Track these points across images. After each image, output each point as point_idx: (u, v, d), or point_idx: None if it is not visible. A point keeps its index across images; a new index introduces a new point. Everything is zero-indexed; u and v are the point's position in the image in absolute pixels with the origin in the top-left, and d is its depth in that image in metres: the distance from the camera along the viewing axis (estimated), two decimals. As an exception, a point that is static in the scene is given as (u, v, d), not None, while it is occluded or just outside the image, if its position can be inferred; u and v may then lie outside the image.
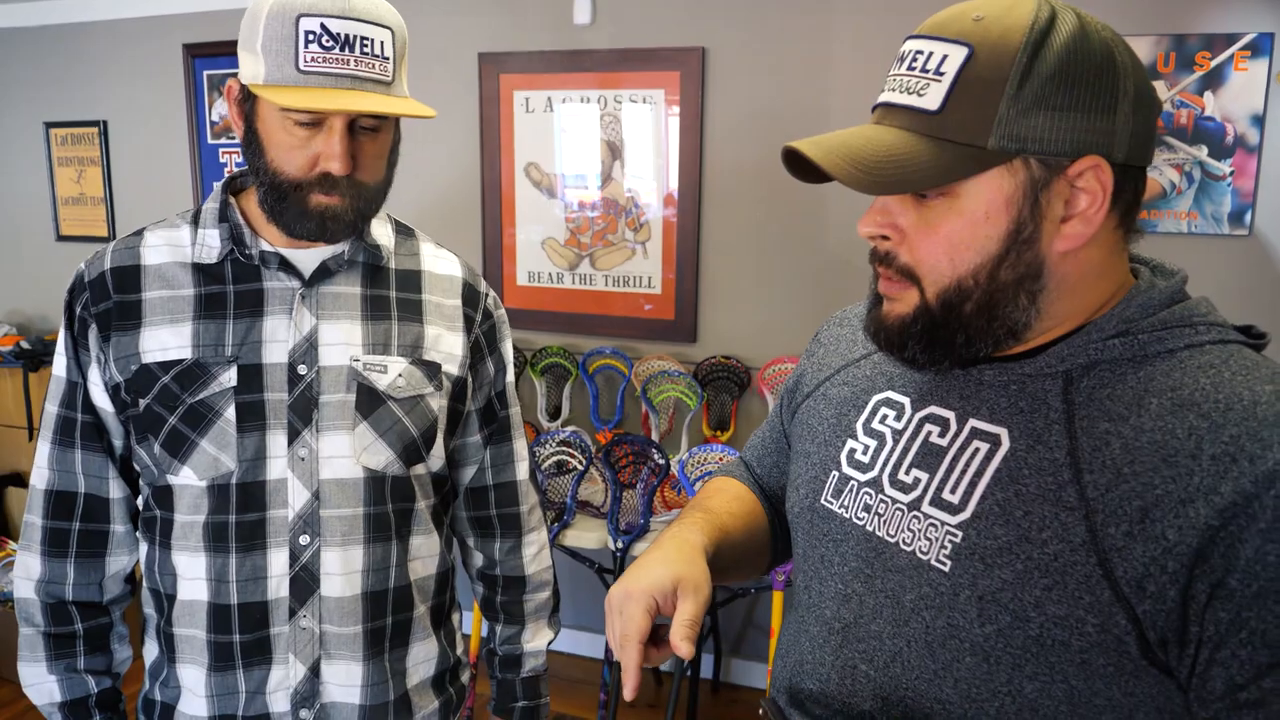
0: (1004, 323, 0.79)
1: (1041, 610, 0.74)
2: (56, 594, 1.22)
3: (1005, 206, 0.76)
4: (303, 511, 1.17)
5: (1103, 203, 0.76)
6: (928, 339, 0.81)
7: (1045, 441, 0.78)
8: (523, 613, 1.41)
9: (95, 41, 3.82)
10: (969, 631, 0.78)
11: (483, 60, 3.25)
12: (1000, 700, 0.77)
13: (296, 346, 1.17)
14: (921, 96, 0.77)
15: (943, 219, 0.78)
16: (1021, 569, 0.75)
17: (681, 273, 3.15)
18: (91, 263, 1.20)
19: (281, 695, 1.19)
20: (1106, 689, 0.74)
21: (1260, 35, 2.51)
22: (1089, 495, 0.74)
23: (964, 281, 0.79)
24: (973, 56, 0.75)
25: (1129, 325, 0.78)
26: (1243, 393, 0.72)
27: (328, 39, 1.06)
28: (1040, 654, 0.75)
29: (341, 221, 1.14)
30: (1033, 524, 0.76)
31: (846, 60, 2.89)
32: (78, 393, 1.20)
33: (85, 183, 3.96)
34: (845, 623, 0.88)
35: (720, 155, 3.06)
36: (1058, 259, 0.78)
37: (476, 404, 1.33)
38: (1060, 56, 0.74)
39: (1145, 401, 0.75)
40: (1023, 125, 0.74)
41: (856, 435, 0.93)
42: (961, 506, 0.80)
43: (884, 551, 0.86)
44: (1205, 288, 2.82)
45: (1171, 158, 2.64)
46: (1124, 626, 0.71)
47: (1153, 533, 0.70)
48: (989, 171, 0.76)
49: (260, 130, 1.12)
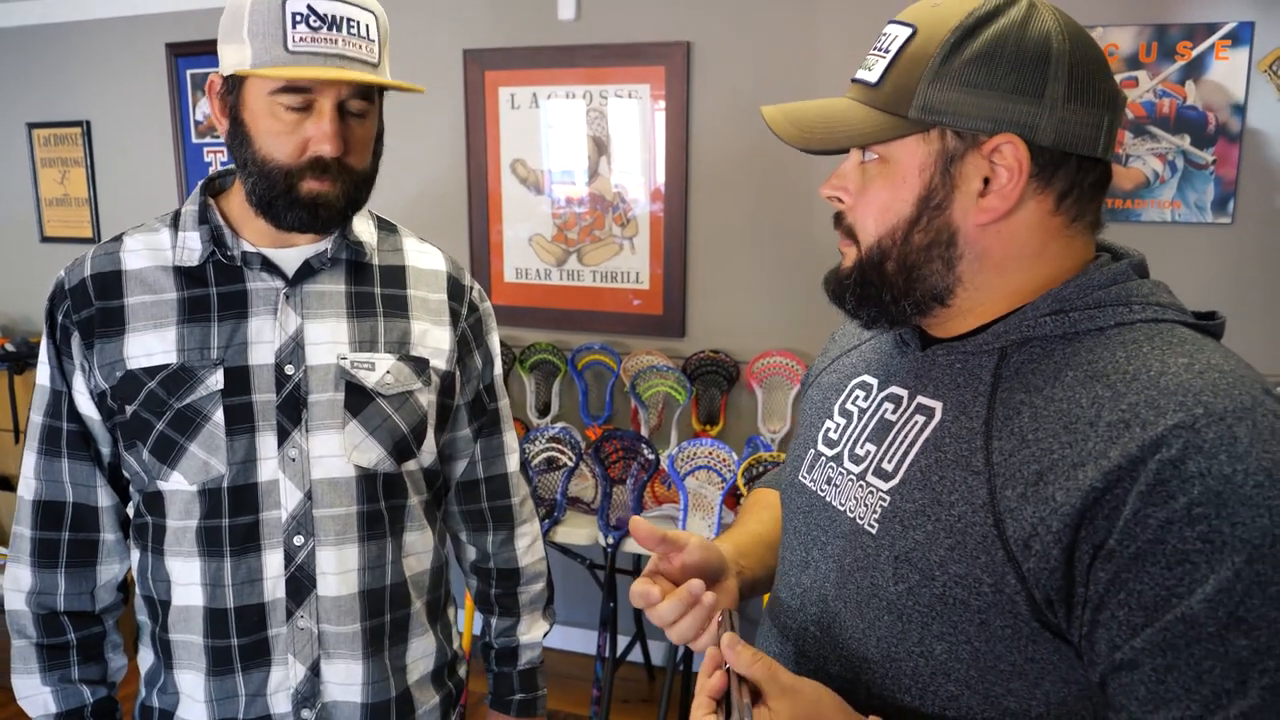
0: (922, 285, 0.84)
1: (944, 569, 0.78)
2: (48, 605, 1.21)
3: (918, 172, 0.82)
4: (296, 512, 1.16)
5: (1019, 180, 0.79)
6: (860, 293, 0.87)
7: (968, 412, 0.82)
8: (517, 605, 1.42)
9: (78, 41, 3.80)
10: (885, 590, 0.82)
11: (467, 57, 3.24)
12: (914, 661, 0.81)
13: (283, 347, 1.17)
14: (870, 71, 0.84)
15: (873, 182, 0.85)
16: (931, 530, 0.79)
17: (669, 267, 3.16)
18: (71, 269, 1.19)
19: (282, 696, 1.18)
20: (1008, 652, 0.76)
21: (1240, 24, 2.53)
22: (994, 460, 0.77)
23: (883, 240, 0.85)
24: (914, 35, 0.81)
25: (1064, 304, 0.81)
26: (1152, 364, 0.74)
27: (315, 19, 1.06)
28: (944, 613, 0.78)
29: (333, 209, 1.13)
30: (944, 488, 0.80)
31: (831, 52, 2.89)
32: (63, 401, 1.19)
33: (69, 183, 3.94)
34: (804, 588, 0.93)
35: (706, 149, 3.06)
36: (975, 230, 0.82)
37: (465, 398, 1.33)
38: (988, 40, 0.78)
39: (1062, 374, 0.78)
40: (939, 98, 0.79)
41: (832, 415, 0.98)
42: (894, 474, 0.85)
43: (835, 519, 0.91)
44: (1189, 276, 2.84)
45: (1154, 147, 2.66)
46: (1014, 586, 0.74)
47: (1044, 494, 0.73)
48: (908, 139, 0.82)
49: (247, 119, 1.11)
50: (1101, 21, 2.63)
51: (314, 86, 1.08)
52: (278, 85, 1.07)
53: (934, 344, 0.89)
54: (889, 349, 0.96)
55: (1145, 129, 2.65)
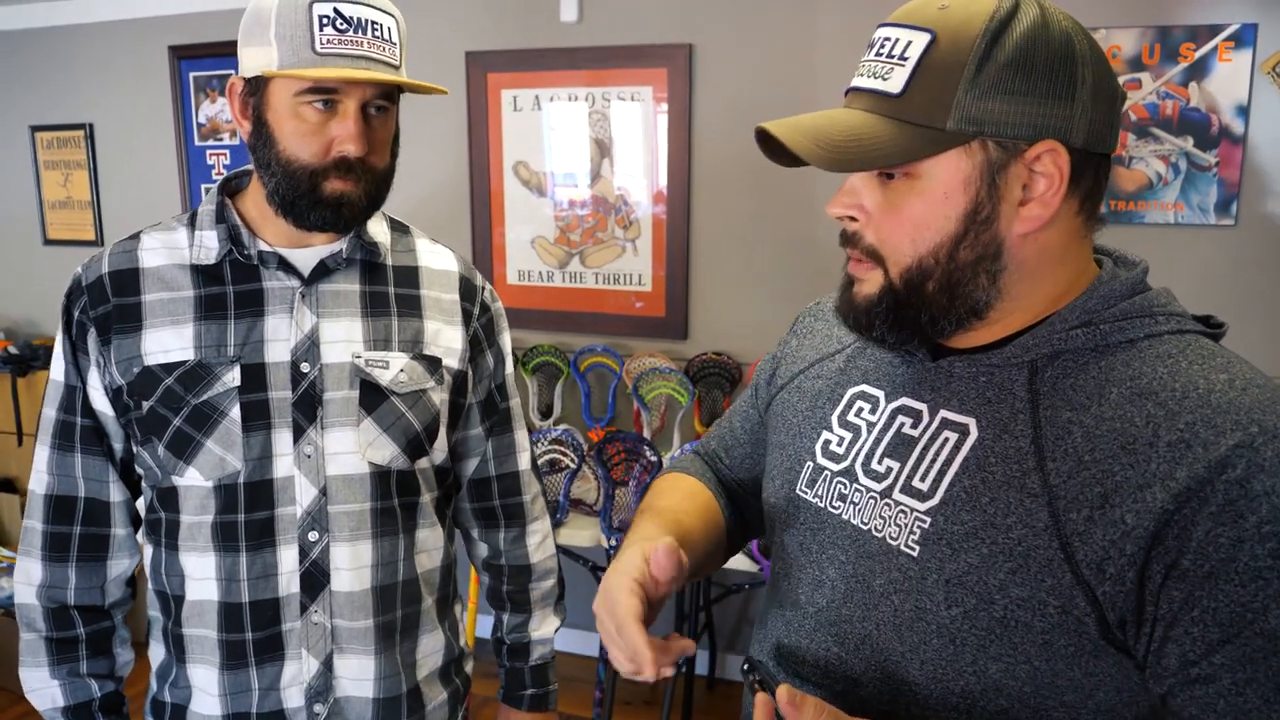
0: (965, 301, 0.81)
1: (1005, 593, 0.76)
2: (58, 599, 1.22)
3: (963, 187, 0.78)
4: (311, 508, 1.17)
5: (1060, 186, 0.78)
6: (893, 318, 0.83)
7: (1011, 430, 0.80)
8: (529, 601, 1.43)
9: (80, 44, 3.81)
10: (935, 614, 0.80)
11: (470, 59, 3.25)
12: (965, 680, 0.79)
13: (298, 345, 1.18)
14: (886, 80, 0.80)
15: (904, 199, 0.81)
16: (987, 553, 0.77)
17: (672, 269, 3.16)
18: (88, 267, 1.20)
19: (295, 690, 1.19)
20: (1068, 669, 0.76)
21: (1244, 26, 2.53)
22: (1052, 482, 0.76)
23: (925, 260, 0.81)
24: (935, 42, 0.77)
25: (1091, 316, 0.80)
26: (1198, 381, 0.74)
27: (341, 22, 1.08)
28: (1004, 635, 0.77)
29: (355, 208, 1.15)
30: (998, 510, 0.78)
31: (832, 55, 2.90)
32: (76, 397, 1.20)
33: (72, 186, 3.94)
34: (818, 607, 0.90)
35: (709, 152, 3.06)
36: (1017, 241, 0.80)
37: (477, 397, 1.34)
38: (1019, 44, 0.76)
39: (1106, 391, 0.77)
40: (980, 108, 0.76)
41: (831, 427, 0.96)
42: (931, 493, 0.82)
43: (857, 538, 0.88)
44: (1191, 278, 2.83)
45: (1157, 149, 2.66)
46: (1084, 608, 0.74)
47: (1112, 517, 0.72)
48: (947, 153, 0.78)
49: (270, 120, 1.13)
50: (1105, 23, 2.63)
51: (340, 87, 1.10)
52: (305, 86, 1.09)
53: (944, 354, 0.87)
54: (887, 357, 0.94)
55: (1148, 131, 2.65)
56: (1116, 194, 2.70)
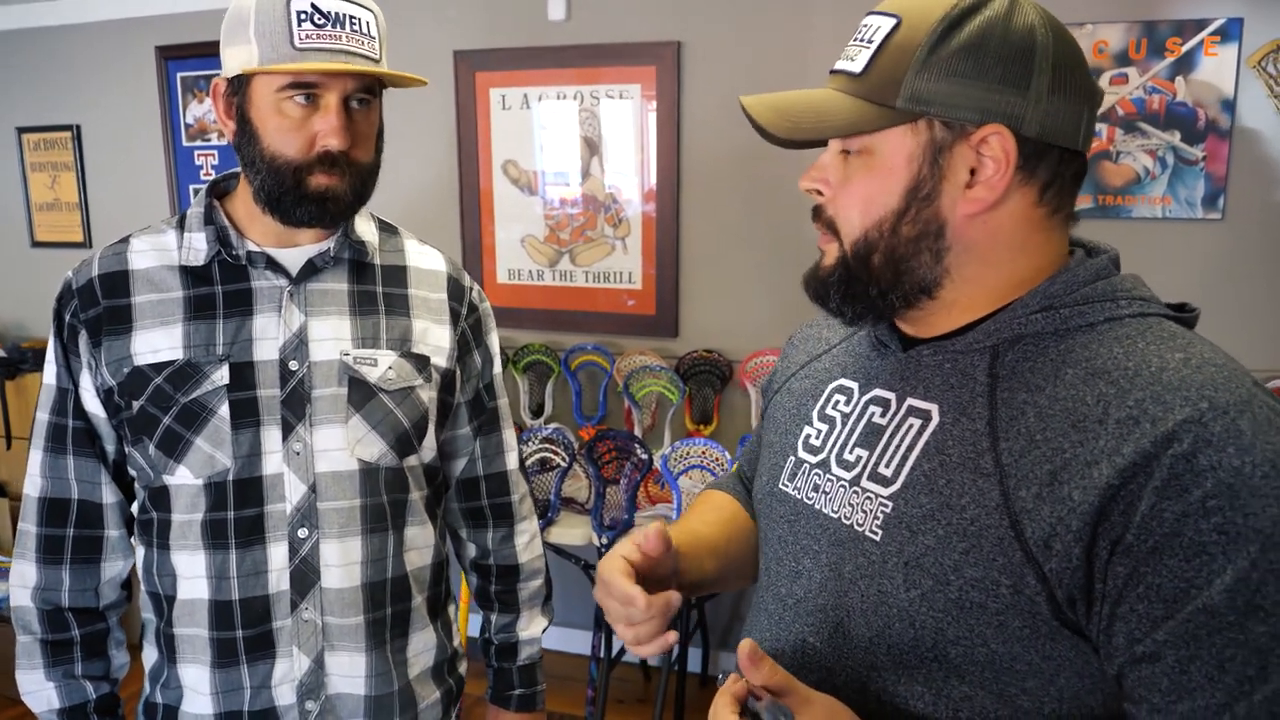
0: (910, 277, 0.84)
1: (960, 573, 0.77)
2: (53, 601, 1.22)
3: (906, 163, 0.81)
4: (300, 505, 1.18)
5: (1005, 171, 0.79)
6: (844, 289, 0.87)
7: (969, 413, 0.82)
8: (517, 601, 1.43)
9: (66, 45, 3.79)
10: (896, 597, 0.81)
11: (458, 58, 3.24)
12: (927, 666, 0.80)
13: (287, 343, 1.19)
14: (853, 61, 0.84)
15: (857, 174, 0.84)
16: (943, 534, 0.79)
17: (662, 268, 3.16)
18: (79, 270, 1.21)
19: (287, 688, 1.20)
20: (1025, 652, 0.76)
21: (1229, 20, 2.54)
22: (1004, 461, 0.77)
23: (870, 233, 0.84)
24: (899, 26, 0.81)
25: (1053, 300, 0.82)
26: (1152, 360, 0.75)
27: (319, 17, 1.09)
28: (960, 617, 0.78)
29: (341, 203, 1.16)
30: (953, 491, 0.79)
31: (822, 53, 2.90)
32: (69, 399, 1.20)
33: (59, 188, 3.92)
34: (796, 598, 0.92)
35: (698, 149, 3.06)
36: (962, 221, 0.82)
37: (465, 396, 1.35)
38: (974, 31, 0.79)
39: (1062, 372, 0.78)
40: (927, 89, 0.79)
41: (812, 421, 0.98)
42: (894, 479, 0.84)
43: (828, 527, 0.90)
44: (1180, 271, 2.84)
45: (1144, 143, 2.67)
46: (1034, 586, 0.74)
47: (1060, 494, 0.73)
48: (895, 129, 0.81)
49: (254, 118, 1.13)
50: (1091, 18, 2.63)
51: (320, 82, 1.11)
52: (286, 82, 1.10)
53: (915, 345, 0.89)
54: (865, 351, 0.96)
55: (1135, 125, 2.66)
56: (1104, 188, 2.71)
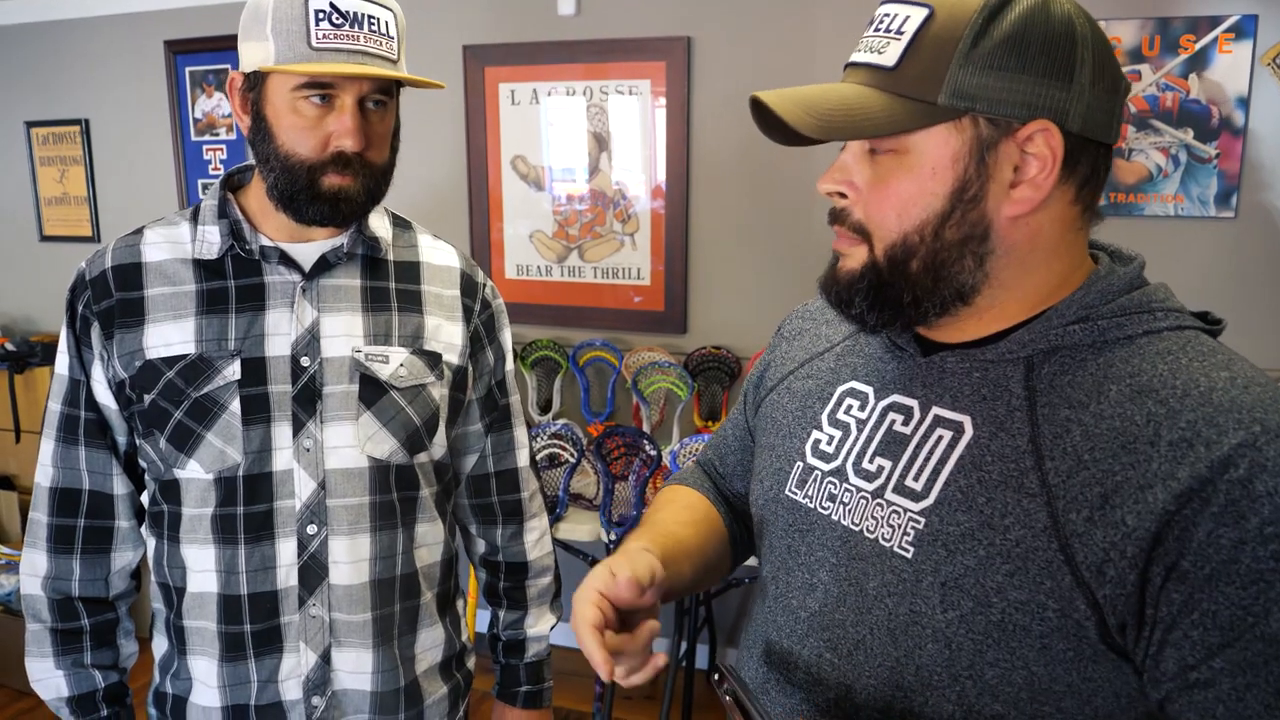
0: (950, 283, 0.80)
1: (1003, 595, 0.75)
2: (63, 590, 1.23)
3: (951, 163, 0.77)
4: (309, 501, 1.18)
5: (1052, 169, 0.76)
6: (874, 295, 0.82)
7: (1007, 428, 0.78)
8: (525, 598, 1.43)
9: (76, 39, 3.79)
10: (931, 618, 0.78)
11: (467, 53, 3.24)
12: (960, 685, 0.78)
13: (299, 339, 1.18)
14: (881, 54, 0.79)
15: (892, 175, 0.79)
16: (984, 555, 0.76)
17: (670, 264, 3.15)
18: (92, 261, 1.21)
19: (294, 683, 1.20)
20: (1065, 674, 0.75)
21: (1244, 17, 2.52)
22: (1050, 481, 0.74)
23: (909, 238, 0.79)
24: (931, 17, 0.76)
25: (1089, 311, 0.79)
26: (1199, 379, 0.73)
27: (337, 16, 1.08)
28: (1001, 639, 0.75)
29: (354, 203, 1.15)
30: (995, 510, 0.76)
31: (831, 47, 2.89)
32: (81, 390, 1.21)
33: (68, 182, 3.93)
34: (811, 611, 0.88)
35: (707, 145, 3.05)
36: (1006, 223, 0.78)
37: (477, 393, 1.34)
38: (1016, 22, 0.75)
39: (1105, 388, 0.76)
40: (972, 83, 0.75)
41: (821, 426, 0.94)
42: (925, 493, 0.81)
43: (849, 540, 0.86)
44: (1191, 270, 2.82)
45: (1157, 141, 2.65)
46: (1084, 611, 0.72)
47: (1113, 518, 0.71)
48: (937, 127, 0.77)
49: (269, 115, 1.13)
50: (1104, 15, 2.62)
51: (336, 83, 1.10)
52: (301, 81, 1.09)
53: (934, 349, 0.86)
54: (877, 353, 0.92)
55: (1148, 123, 2.65)
56: (1116, 186, 2.70)
